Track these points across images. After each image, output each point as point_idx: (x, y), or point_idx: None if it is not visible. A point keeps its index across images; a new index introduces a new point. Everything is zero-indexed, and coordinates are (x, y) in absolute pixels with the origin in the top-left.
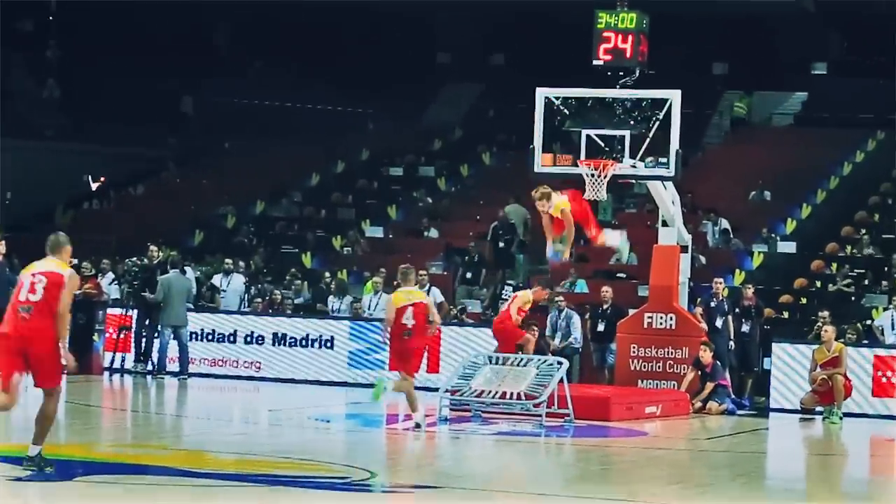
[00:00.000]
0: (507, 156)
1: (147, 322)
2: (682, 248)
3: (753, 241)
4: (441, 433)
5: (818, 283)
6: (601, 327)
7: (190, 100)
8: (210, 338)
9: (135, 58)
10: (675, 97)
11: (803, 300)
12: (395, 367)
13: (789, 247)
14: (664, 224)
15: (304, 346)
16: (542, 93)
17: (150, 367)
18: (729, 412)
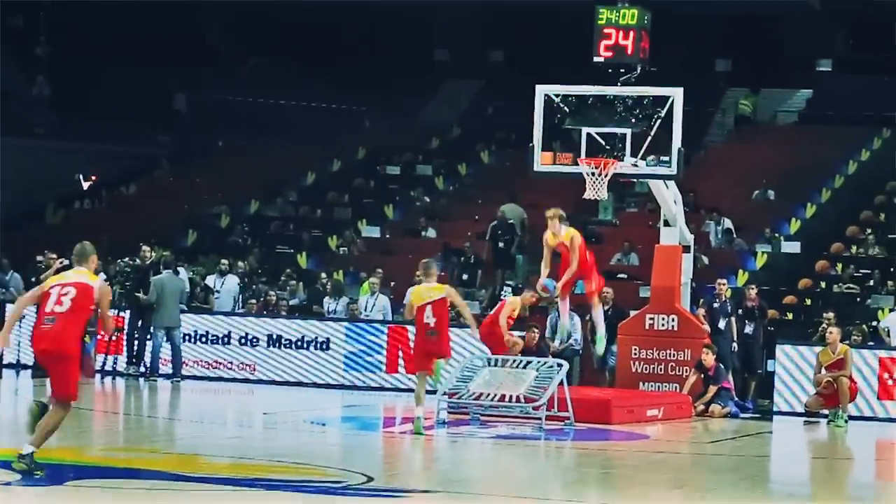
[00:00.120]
0: (506, 154)
1: (139, 323)
2: (685, 249)
3: (757, 241)
4: (439, 436)
5: (823, 284)
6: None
7: (183, 97)
8: (204, 339)
9: (127, 54)
10: (677, 94)
11: (808, 301)
12: (418, 367)
13: (793, 247)
14: (666, 224)
15: (299, 348)
16: (541, 90)
17: (142, 369)
18: (732, 415)
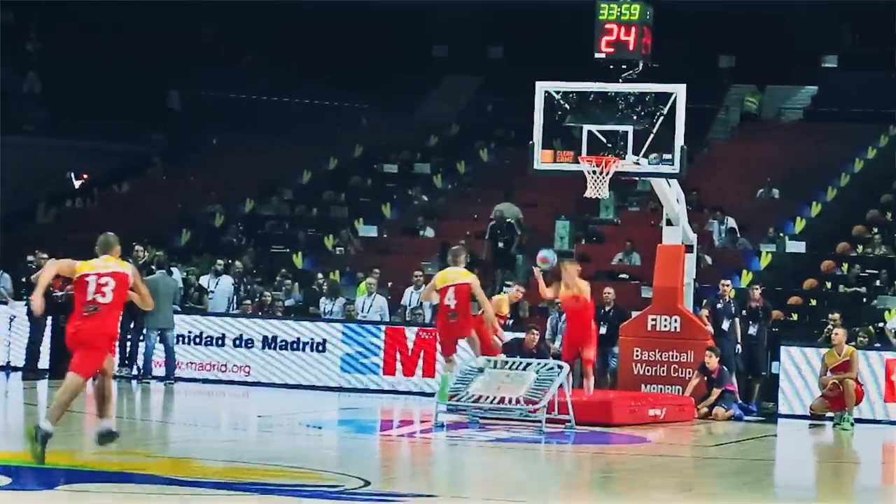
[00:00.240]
0: (505, 152)
1: (132, 325)
2: (687, 248)
3: (761, 241)
4: (437, 440)
5: (828, 284)
6: (603, 330)
7: (177, 94)
8: (197, 341)
9: (119, 50)
10: (679, 91)
11: (813, 302)
12: (446, 352)
13: (798, 246)
14: (668, 223)
15: (294, 349)
16: (541, 87)
17: (135, 371)
18: (736, 418)
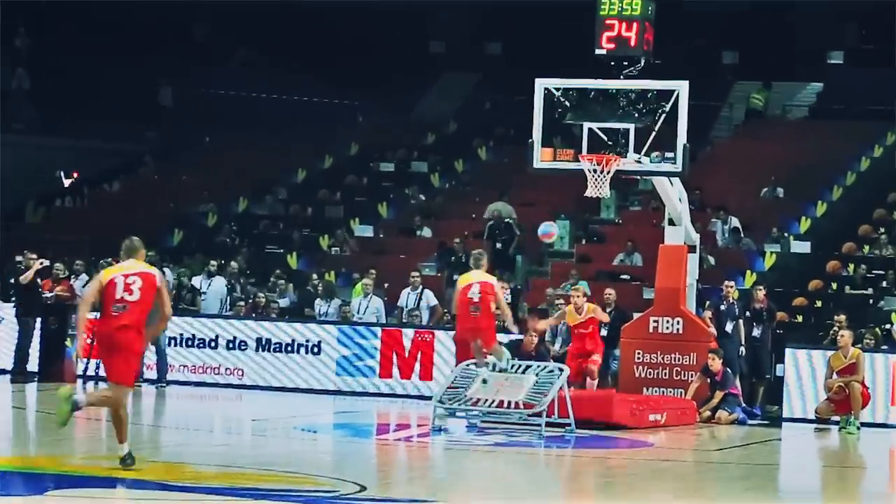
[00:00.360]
0: (504, 150)
1: None
2: (690, 249)
3: (765, 241)
4: (435, 444)
5: (834, 285)
6: (604, 332)
7: (169, 91)
8: (190, 343)
9: (111, 46)
10: (682, 88)
11: (818, 303)
12: (467, 350)
13: (803, 246)
14: (671, 223)
15: (289, 352)
16: (541, 83)
17: None
18: (739, 422)
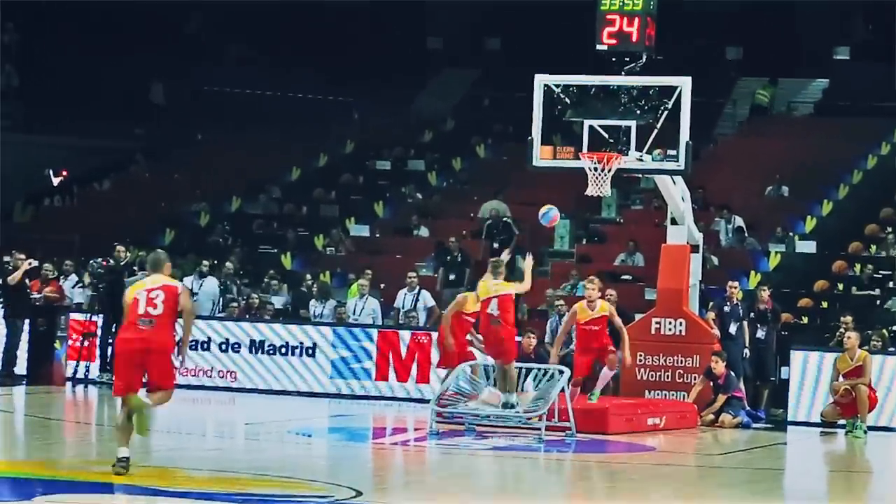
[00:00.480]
0: (503, 148)
1: (113, 328)
2: (693, 248)
3: (770, 241)
4: (432, 448)
5: (840, 286)
6: None
7: (160, 87)
8: (179, 344)
9: (101, 42)
10: (685, 84)
11: (824, 304)
12: (491, 353)
13: (809, 246)
14: (673, 222)
15: (283, 354)
16: (541, 80)
17: None
18: (743, 425)
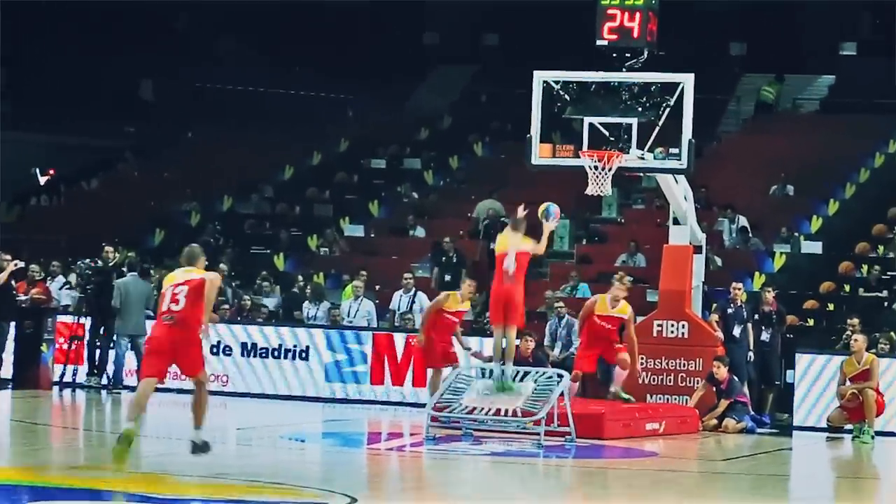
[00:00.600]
0: (501, 146)
1: (101, 331)
2: (696, 249)
3: (774, 241)
4: (428, 454)
5: (847, 287)
6: None
7: (150, 84)
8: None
9: (89, 39)
10: (687, 81)
11: (830, 306)
12: (496, 318)
13: (814, 247)
14: (675, 222)
15: (276, 357)
16: (540, 76)
17: (104, 380)
18: (748, 430)
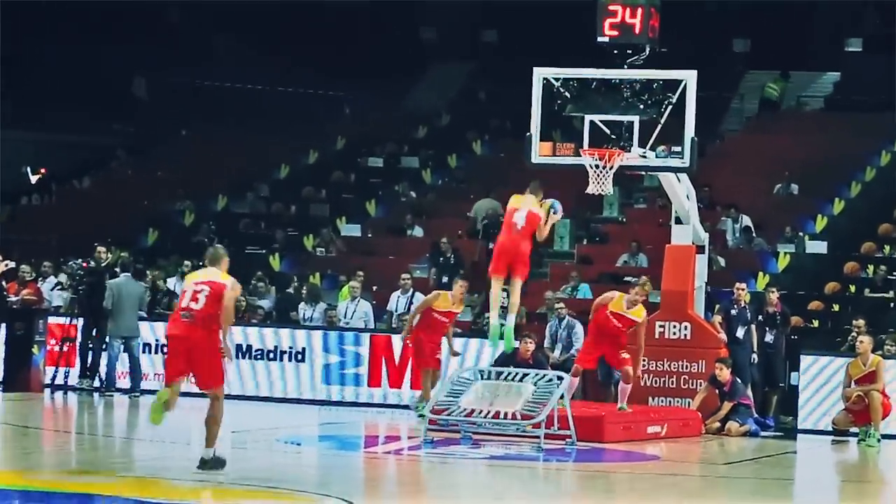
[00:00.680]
0: (500, 144)
1: (94, 332)
2: (699, 249)
3: (779, 241)
4: (426, 458)
5: (852, 288)
6: None
7: (143, 81)
8: (164, 350)
9: (80, 34)
10: (690, 78)
11: (835, 307)
12: (497, 269)
13: (819, 247)
14: (678, 221)
15: (271, 359)
16: (540, 73)
17: (97, 383)
18: (751, 434)
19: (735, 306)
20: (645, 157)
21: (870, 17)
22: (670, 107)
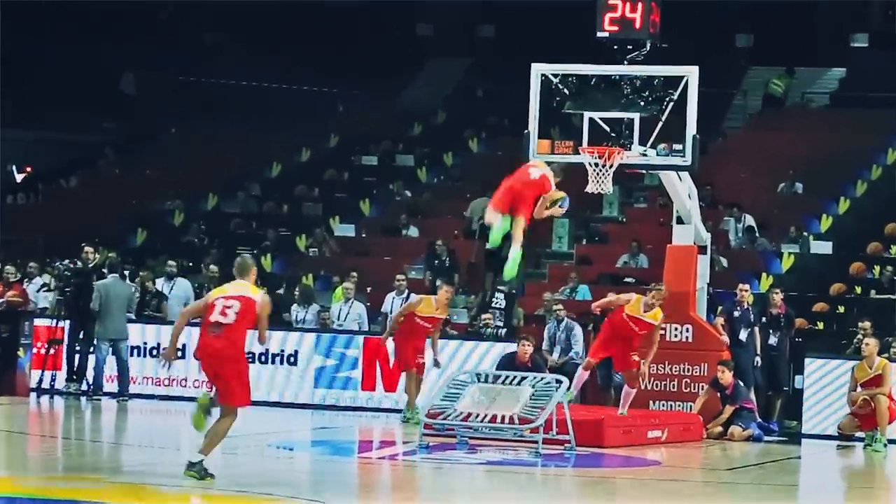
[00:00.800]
0: (497, 142)
1: (81, 335)
2: (701, 249)
3: (783, 241)
4: (421, 463)
5: (857, 289)
6: None
7: (131, 78)
8: (154, 353)
9: (67, 30)
10: (692, 74)
11: (840, 308)
12: (500, 205)
13: (824, 247)
14: (679, 221)
15: (263, 362)
16: (538, 69)
17: (84, 386)
18: (755, 438)
19: (738, 308)
20: (646, 155)
21: (875, 12)
22: (671, 104)
